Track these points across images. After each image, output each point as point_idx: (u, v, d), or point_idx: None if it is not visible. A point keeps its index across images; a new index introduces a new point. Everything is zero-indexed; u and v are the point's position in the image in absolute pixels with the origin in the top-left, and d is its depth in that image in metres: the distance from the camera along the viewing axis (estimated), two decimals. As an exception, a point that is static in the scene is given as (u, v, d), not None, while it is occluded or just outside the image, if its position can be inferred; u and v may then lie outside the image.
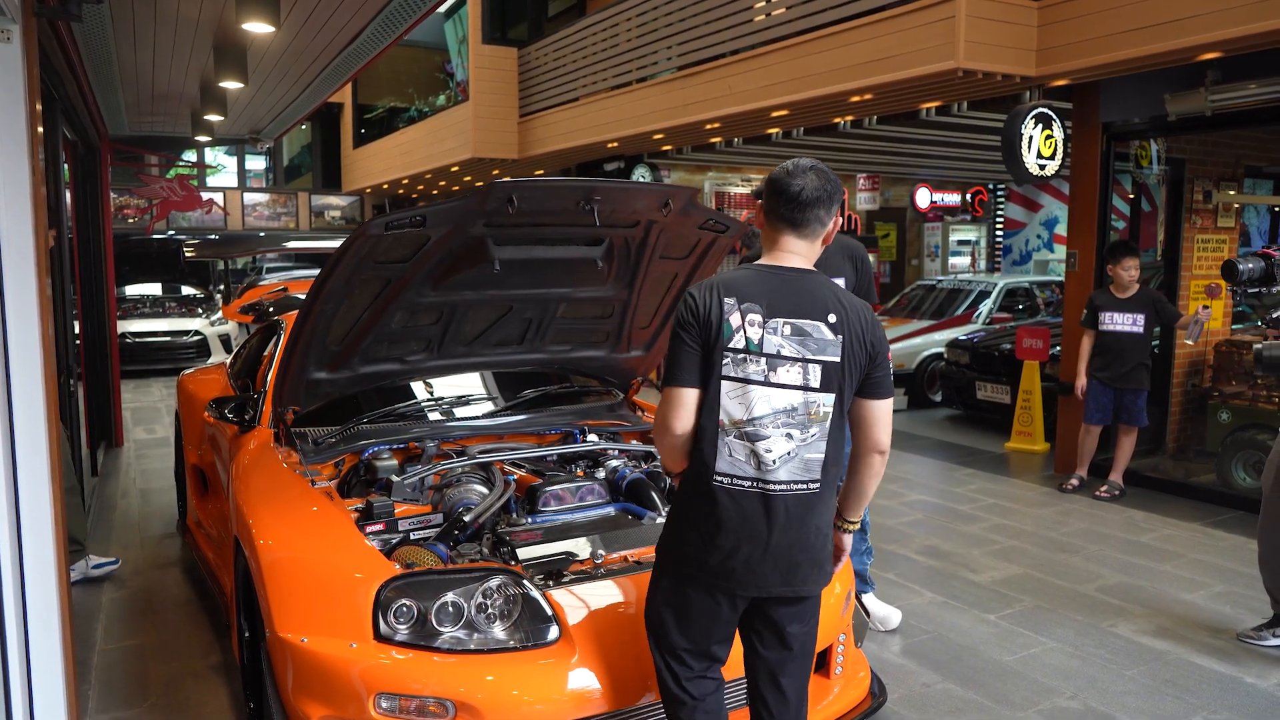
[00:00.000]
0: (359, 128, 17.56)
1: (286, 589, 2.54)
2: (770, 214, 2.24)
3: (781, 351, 2.12)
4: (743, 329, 2.12)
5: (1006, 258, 14.77)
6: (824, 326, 2.14)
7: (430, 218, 2.79)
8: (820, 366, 2.13)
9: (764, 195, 2.27)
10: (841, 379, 2.15)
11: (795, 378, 2.13)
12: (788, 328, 2.13)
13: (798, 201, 2.18)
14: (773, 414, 2.11)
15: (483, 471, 3.19)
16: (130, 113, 7.95)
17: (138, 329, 11.94)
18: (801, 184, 2.18)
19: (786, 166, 2.23)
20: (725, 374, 2.12)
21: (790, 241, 2.22)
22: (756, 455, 2.12)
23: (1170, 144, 6.87)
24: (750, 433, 2.11)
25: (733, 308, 2.12)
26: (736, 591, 2.17)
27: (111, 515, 5.71)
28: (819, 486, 2.17)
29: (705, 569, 2.16)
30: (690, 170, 12.36)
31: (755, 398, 2.11)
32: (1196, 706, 3.34)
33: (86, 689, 3.43)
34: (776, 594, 2.18)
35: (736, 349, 2.11)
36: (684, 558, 2.19)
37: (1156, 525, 5.51)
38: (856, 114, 7.98)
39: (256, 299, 5.70)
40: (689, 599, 2.20)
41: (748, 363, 2.11)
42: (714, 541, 2.14)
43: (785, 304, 2.14)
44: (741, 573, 2.14)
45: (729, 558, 2.14)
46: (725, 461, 2.13)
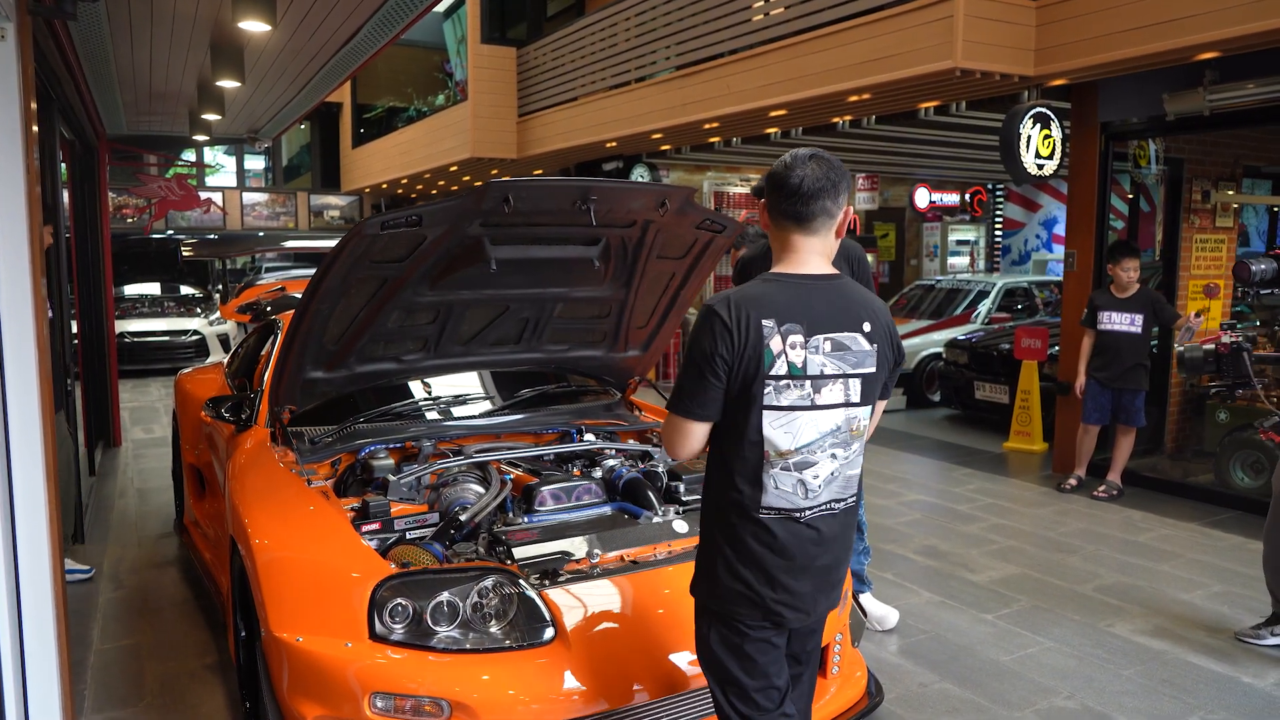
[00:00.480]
0: (358, 127, 17.55)
1: (282, 588, 2.53)
2: (775, 213, 2.05)
3: (824, 370, 1.96)
4: (784, 354, 1.93)
5: (1005, 258, 14.77)
6: (861, 337, 2.00)
7: (426, 217, 2.79)
8: (860, 380, 2.00)
9: (766, 194, 2.08)
10: (876, 390, 2.05)
11: (838, 396, 1.98)
12: (828, 344, 1.97)
13: (800, 195, 1.99)
14: (820, 438, 1.97)
15: (479, 471, 3.19)
16: (128, 112, 7.94)
17: (136, 329, 11.93)
18: (802, 175, 1.99)
19: (785, 159, 2.05)
20: (767, 404, 1.94)
21: (802, 241, 2.03)
22: (804, 484, 1.98)
23: (1168, 144, 6.88)
24: (799, 462, 1.96)
25: (772, 331, 1.92)
26: (792, 624, 2.06)
27: (109, 515, 5.70)
28: (854, 499, 2.08)
29: (761, 606, 2.01)
30: (689, 170, 12.35)
31: (802, 424, 1.95)
32: (1193, 706, 3.34)
33: (82, 688, 3.42)
34: (820, 619, 2.09)
35: (779, 376, 1.93)
36: (737, 597, 2.02)
37: (1154, 525, 5.51)
38: (855, 114, 7.98)
39: (254, 298, 5.70)
40: (749, 640, 2.05)
41: (791, 389, 1.94)
42: (769, 577, 2.00)
43: (824, 318, 1.97)
44: (795, 604, 2.03)
45: (783, 591, 2.01)
46: (772, 495, 1.97)
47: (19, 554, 2.50)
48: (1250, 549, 5.04)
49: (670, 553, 2.80)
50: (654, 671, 2.44)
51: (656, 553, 2.79)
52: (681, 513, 3.03)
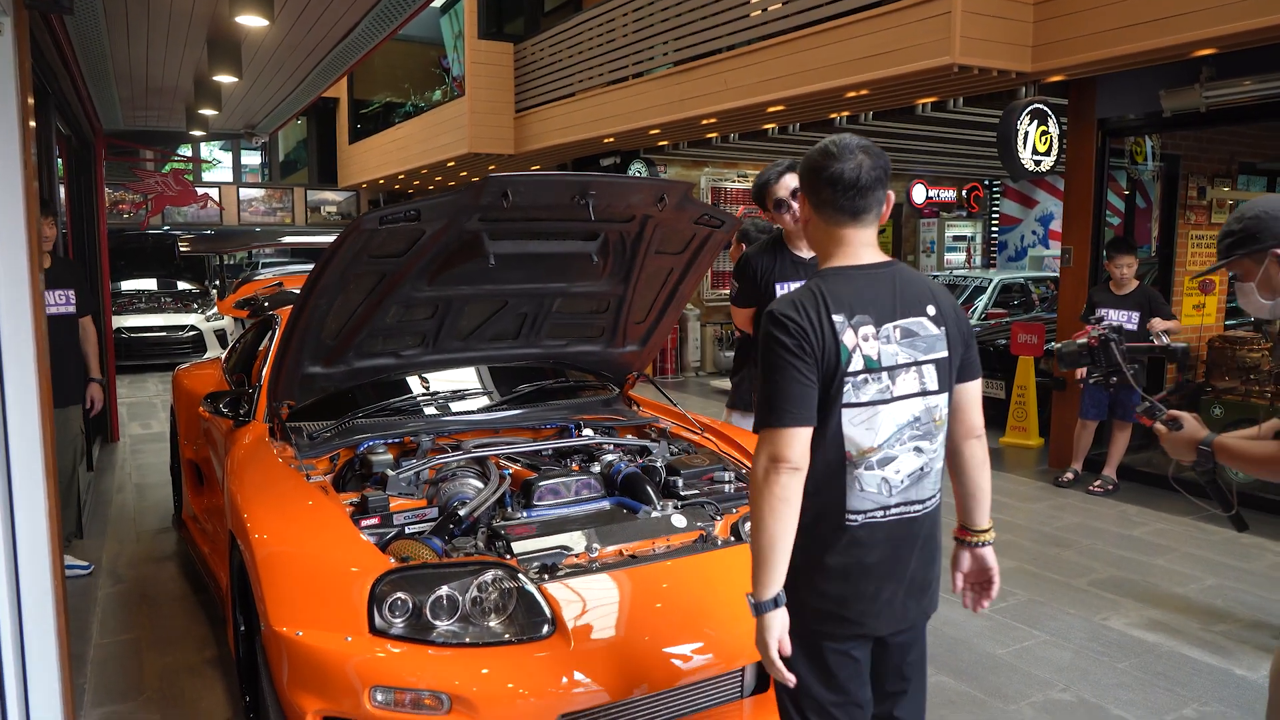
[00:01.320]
0: (355, 123, 17.52)
1: (282, 583, 2.54)
2: (823, 207, 1.92)
3: (898, 360, 1.88)
4: (859, 347, 1.85)
5: (1002, 253, 14.79)
6: (927, 321, 1.92)
7: (425, 212, 2.79)
8: (933, 366, 1.92)
9: (810, 188, 1.95)
10: (950, 374, 1.95)
11: (913, 385, 1.90)
12: (898, 331, 1.89)
13: (856, 188, 1.88)
14: (898, 430, 1.89)
15: (478, 466, 3.20)
16: (124, 107, 7.93)
17: (133, 324, 11.92)
18: (856, 166, 1.88)
19: (828, 149, 1.91)
20: (847, 401, 1.85)
21: (856, 234, 1.93)
22: (887, 480, 1.89)
23: (1165, 140, 6.89)
24: (882, 458, 1.88)
25: (844, 325, 1.84)
26: (876, 634, 1.96)
27: (107, 510, 5.71)
28: (939, 497, 1.99)
29: (845, 621, 1.91)
30: (686, 166, 12.35)
31: (882, 419, 1.87)
32: (1188, 698, 3.36)
33: (82, 682, 3.43)
34: (911, 623, 1.99)
35: (856, 371, 1.85)
36: (820, 614, 1.92)
37: (1149, 520, 5.53)
38: (853, 109, 7.99)
39: (251, 294, 5.70)
40: (830, 652, 1.94)
41: (869, 383, 1.86)
42: (856, 588, 1.90)
43: (889, 306, 1.89)
44: (883, 614, 1.93)
45: (871, 602, 1.91)
46: (857, 497, 1.88)
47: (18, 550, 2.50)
48: (1243, 543, 5.07)
49: (669, 547, 2.81)
50: (652, 665, 2.45)
51: (655, 547, 2.80)
52: (680, 507, 3.04)
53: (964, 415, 2.04)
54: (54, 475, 2.65)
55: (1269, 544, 5.04)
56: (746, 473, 3.37)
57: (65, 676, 2.67)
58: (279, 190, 18.62)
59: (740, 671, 2.69)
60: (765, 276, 3.82)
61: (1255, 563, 4.76)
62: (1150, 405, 2.31)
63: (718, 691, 2.65)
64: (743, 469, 3.40)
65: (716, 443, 3.63)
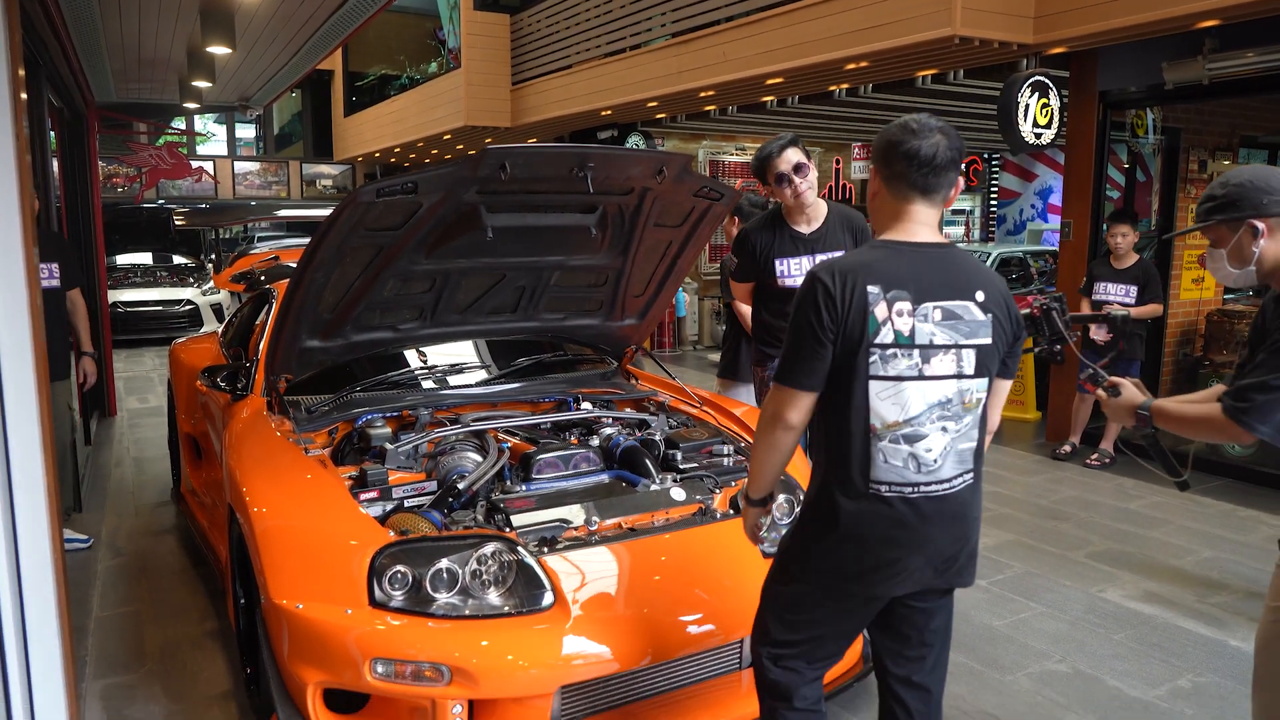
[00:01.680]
0: (350, 95, 17.38)
1: (281, 556, 2.54)
2: (896, 181, 1.96)
3: (934, 340, 1.90)
4: (890, 321, 1.87)
5: (1000, 227, 14.75)
6: (974, 306, 1.93)
7: (422, 184, 2.77)
8: (974, 351, 1.94)
9: (883, 160, 1.98)
10: (992, 361, 1.98)
11: (949, 367, 1.92)
12: (938, 312, 1.90)
13: (932, 165, 1.92)
14: (928, 409, 1.91)
15: (477, 439, 3.19)
16: (117, 79, 7.85)
17: (129, 298, 11.87)
18: (934, 145, 1.92)
19: (909, 125, 1.95)
20: (873, 374, 1.89)
21: (920, 211, 1.97)
22: (916, 457, 1.91)
23: (1166, 113, 6.85)
24: (908, 434, 1.91)
25: (877, 297, 1.87)
26: (890, 594, 2.01)
27: (106, 484, 5.71)
28: (973, 476, 2.01)
29: (861, 581, 1.97)
30: (684, 138, 12.27)
31: (910, 395, 1.90)
32: (1182, 669, 3.39)
33: (83, 654, 3.44)
34: (929, 587, 2.03)
35: (885, 344, 1.88)
36: (839, 573, 1.98)
37: (1146, 492, 5.55)
38: (852, 82, 7.92)
39: (248, 267, 5.67)
40: (837, 610, 2.04)
41: (899, 358, 1.88)
42: (874, 555, 1.94)
43: (933, 286, 1.91)
44: (898, 578, 1.97)
45: (887, 568, 1.95)
46: (881, 468, 1.91)
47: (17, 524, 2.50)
48: (1239, 516, 5.10)
49: (668, 520, 2.82)
50: (652, 637, 2.46)
51: (654, 520, 2.81)
52: (679, 481, 3.04)
53: (989, 411, 2.07)
54: (52, 450, 2.64)
55: (1265, 517, 5.06)
56: (745, 446, 3.37)
57: (66, 649, 2.67)
58: (274, 163, 18.50)
59: (739, 643, 2.70)
60: (764, 252, 3.81)
61: (1251, 535, 4.79)
62: (1093, 372, 2.38)
63: (717, 663, 2.67)
64: (741, 443, 3.40)
65: (715, 416, 3.63)
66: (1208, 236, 2.19)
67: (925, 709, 2.15)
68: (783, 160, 3.63)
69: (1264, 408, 1.97)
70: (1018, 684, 3.28)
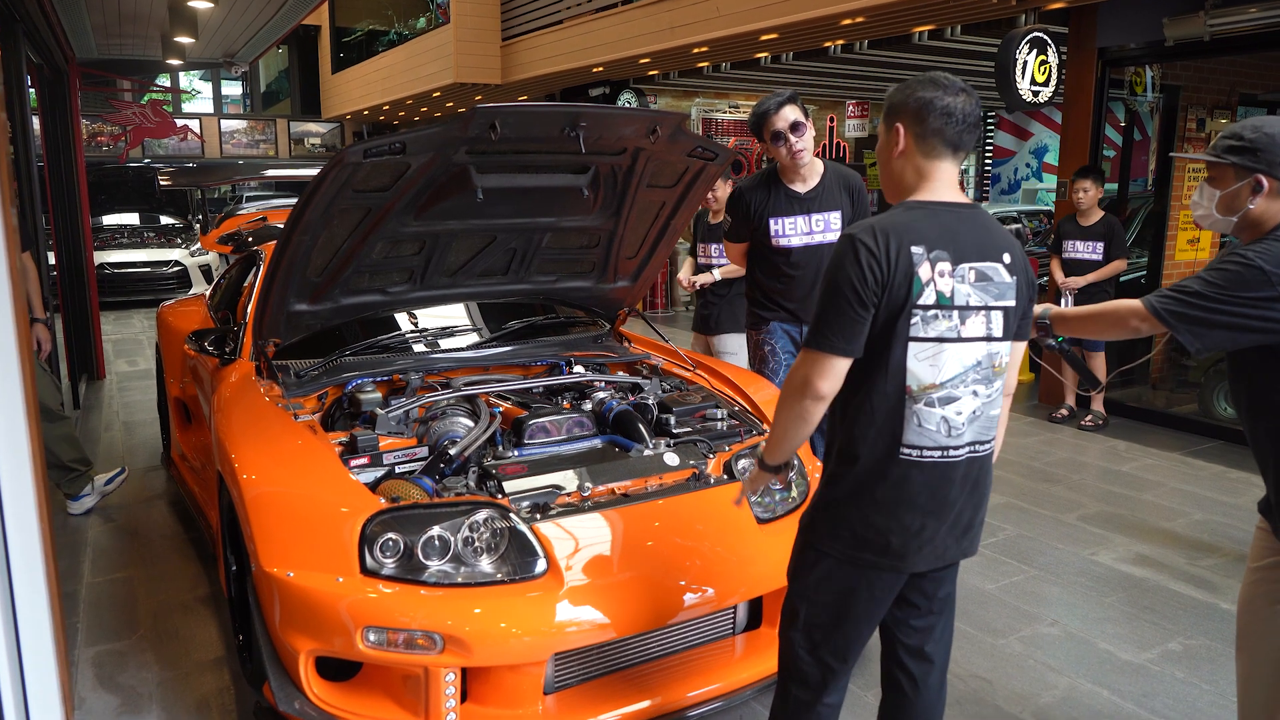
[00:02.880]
0: (337, 51, 17.08)
1: (271, 523, 2.52)
2: (932, 138, 1.91)
3: (970, 301, 1.88)
4: (933, 281, 1.84)
5: (995, 187, 14.65)
6: (1002, 268, 1.92)
7: (410, 144, 2.70)
8: (1002, 313, 1.92)
9: (915, 118, 1.92)
10: (1015, 324, 1.96)
11: (980, 329, 1.89)
12: (973, 273, 1.88)
13: (966, 122, 1.90)
14: (964, 371, 1.89)
15: (468, 404, 3.16)
16: (97, 35, 7.68)
17: (116, 259, 11.74)
18: (966, 101, 1.90)
19: (938, 80, 1.91)
20: (915, 335, 1.84)
21: (948, 170, 1.94)
22: (948, 421, 1.89)
23: (1165, 71, 6.76)
24: (943, 397, 1.88)
25: (921, 257, 1.82)
26: (914, 569, 1.97)
27: (95, 448, 5.67)
28: (993, 443, 2.00)
29: (889, 552, 1.93)
30: (677, 96, 12.11)
31: (947, 357, 1.87)
32: (1173, 632, 3.41)
33: (75, 621, 3.43)
34: (947, 561, 2.01)
35: (927, 305, 1.84)
36: (864, 541, 1.93)
37: (1138, 455, 5.57)
38: (847, 38, 7.80)
39: (235, 229, 5.59)
40: (863, 584, 1.98)
41: (939, 319, 1.85)
42: (900, 521, 1.91)
43: (968, 246, 1.88)
44: (924, 550, 1.94)
45: (914, 537, 1.92)
46: (914, 432, 1.88)
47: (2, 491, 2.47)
48: (1230, 478, 5.12)
49: (661, 485, 2.80)
50: (645, 604, 2.45)
51: (648, 485, 2.79)
52: (673, 445, 3.02)
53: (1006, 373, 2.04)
54: (35, 414, 2.60)
55: (1256, 479, 5.05)
56: (739, 410, 3.34)
57: (56, 616, 2.65)
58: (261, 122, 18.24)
59: (732, 609, 2.70)
60: (759, 211, 3.75)
61: (1243, 498, 4.80)
62: None
63: (710, 628, 2.67)
64: (735, 406, 3.37)
65: (709, 379, 3.60)
66: (1211, 172, 2.15)
67: (930, 679, 2.14)
68: (780, 117, 3.56)
69: (1181, 304, 2.01)
70: (1009, 647, 3.29)
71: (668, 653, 2.60)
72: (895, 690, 2.16)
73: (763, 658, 2.66)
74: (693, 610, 2.52)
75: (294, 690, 2.41)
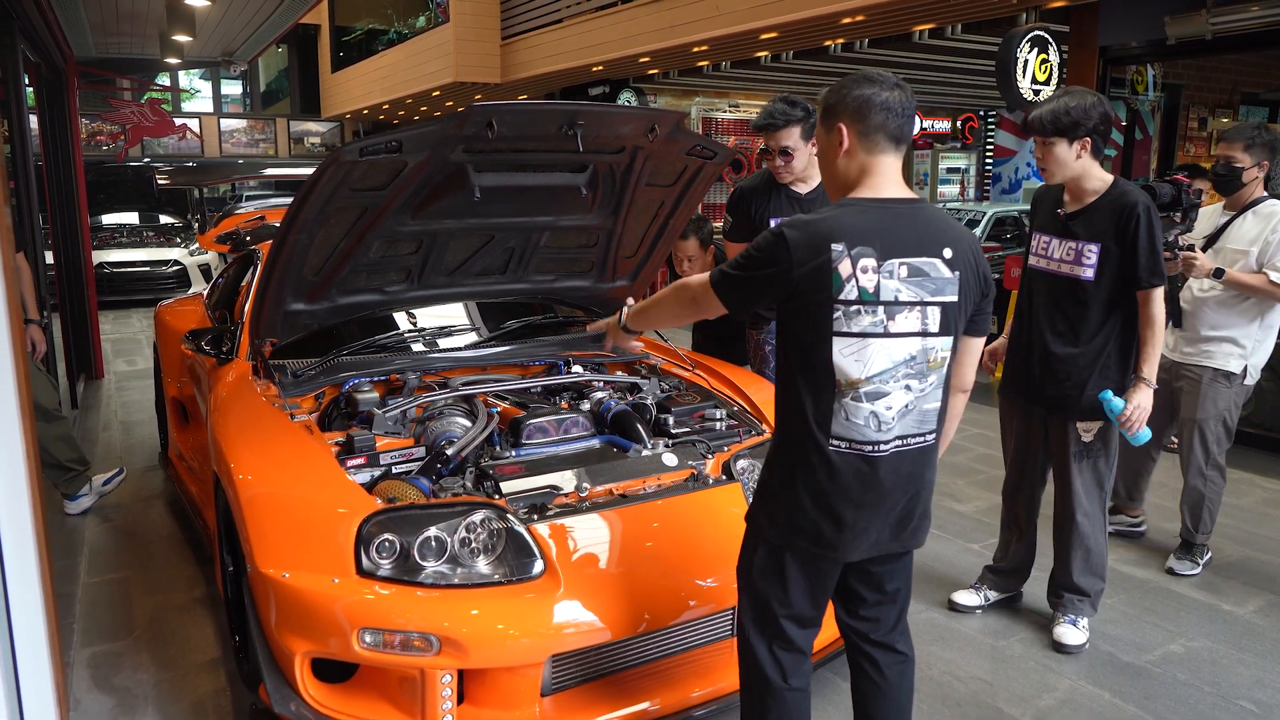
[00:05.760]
0: (337, 51, 17.08)
1: (267, 524, 2.50)
2: (875, 134, 1.94)
3: (899, 296, 1.89)
4: (854, 278, 1.86)
5: (995, 186, 14.62)
6: (940, 263, 1.92)
7: (406, 143, 2.69)
8: (939, 308, 1.93)
9: (857, 116, 1.94)
10: (958, 319, 1.97)
11: (914, 324, 1.91)
12: (904, 269, 1.89)
13: (904, 115, 1.93)
14: (893, 367, 1.90)
15: (465, 404, 3.14)
16: (95, 33, 7.66)
17: (115, 259, 11.72)
18: (901, 94, 1.93)
19: (870, 77, 1.95)
20: (837, 330, 1.87)
21: (891, 164, 1.96)
22: (877, 415, 1.91)
23: (1166, 69, 6.75)
24: (870, 392, 1.90)
25: (841, 254, 1.85)
26: (848, 558, 2.02)
27: (93, 448, 5.66)
28: (934, 436, 2.01)
29: (821, 540, 1.98)
30: (677, 95, 12.09)
31: (873, 352, 1.88)
32: (1175, 633, 3.39)
33: (71, 622, 3.42)
34: (885, 551, 2.05)
35: (848, 301, 1.86)
36: (797, 528, 1.99)
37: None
38: (848, 36, 7.78)
39: (233, 228, 5.57)
40: (798, 567, 2.04)
41: (862, 315, 1.87)
42: (832, 511, 1.95)
43: (901, 242, 1.89)
44: (858, 539, 1.98)
45: (848, 528, 1.96)
46: (841, 425, 1.91)
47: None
48: (1232, 478, 5.08)
49: (659, 486, 2.78)
50: (643, 605, 2.43)
51: (645, 486, 2.77)
52: (671, 446, 3.00)
53: (959, 369, 2.10)
54: (30, 414, 2.58)
55: (1258, 479, 5.06)
56: (738, 410, 3.33)
57: (51, 617, 2.64)
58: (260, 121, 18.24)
59: (731, 611, 2.68)
60: (760, 212, 3.74)
61: (1244, 498, 4.79)
62: None
63: (709, 630, 2.65)
64: (733, 406, 3.35)
65: (707, 379, 3.58)
66: None
67: (892, 664, 2.18)
68: (776, 138, 3.58)
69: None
70: (1010, 649, 3.27)
71: (666, 654, 2.58)
72: (860, 675, 2.23)
73: (762, 659, 2.64)
74: (691, 611, 2.50)
75: (290, 692, 2.39)
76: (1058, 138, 3.01)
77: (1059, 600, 3.33)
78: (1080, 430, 3.17)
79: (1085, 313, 3.08)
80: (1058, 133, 3.01)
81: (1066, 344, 3.12)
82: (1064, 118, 2.98)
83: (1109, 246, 3.02)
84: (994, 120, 14.69)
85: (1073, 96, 3.00)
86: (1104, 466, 3.21)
